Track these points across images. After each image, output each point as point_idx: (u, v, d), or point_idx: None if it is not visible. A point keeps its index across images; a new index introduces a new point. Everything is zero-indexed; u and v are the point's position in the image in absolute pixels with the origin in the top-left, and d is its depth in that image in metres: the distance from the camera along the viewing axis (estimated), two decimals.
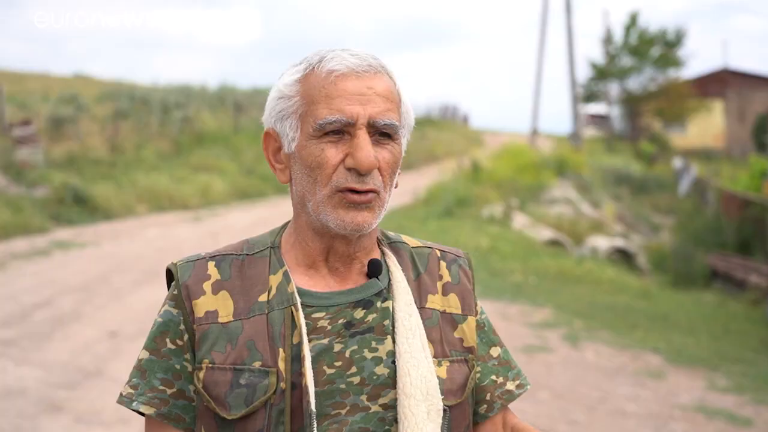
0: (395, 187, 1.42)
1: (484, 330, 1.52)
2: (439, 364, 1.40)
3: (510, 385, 1.51)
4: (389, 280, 1.43)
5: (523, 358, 6.97)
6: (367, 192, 1.34)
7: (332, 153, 1.33)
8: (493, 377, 1.49)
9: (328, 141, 1.33)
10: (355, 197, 1.33)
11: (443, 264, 1.50)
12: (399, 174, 1.43)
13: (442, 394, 1.37)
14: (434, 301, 1.45)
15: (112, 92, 22.80)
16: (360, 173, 1.32)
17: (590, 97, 40.34)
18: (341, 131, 1.33)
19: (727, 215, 16.90)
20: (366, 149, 1.31)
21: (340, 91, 1.33)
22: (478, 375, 1.47)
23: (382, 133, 1.35)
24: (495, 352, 1.52)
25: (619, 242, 15.44)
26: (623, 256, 14.68)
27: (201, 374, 1.34)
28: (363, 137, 1.32)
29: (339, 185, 1.33)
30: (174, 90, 25.43)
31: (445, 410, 1.37)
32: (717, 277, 13.60)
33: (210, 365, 1.33)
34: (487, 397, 1.48)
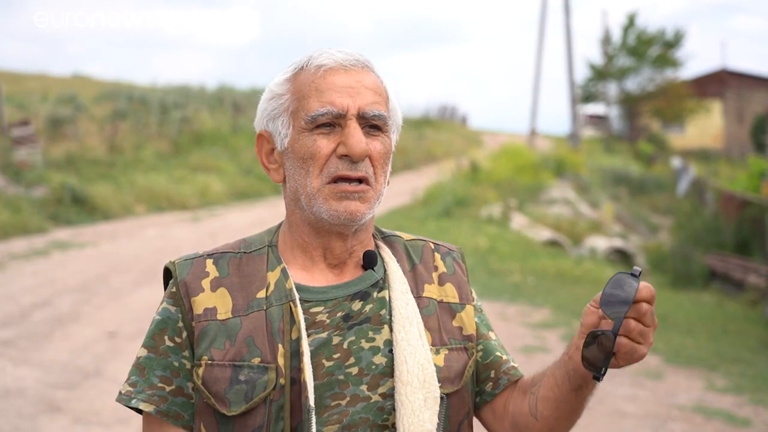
0: (387, 184, 1.43)
1: (482, 314, 1.54)
2: (437, 353, 1.41)
3: (513, 363, 1.52)
4: (384, 270, 1.45)
5: (521, 358, 6.97)
6: (359, 181, 1.36)
7: (324, 143, 1.36)
8: (498, 354, 1.50)
9: (320, 133, 1.36)
10: (348, 187, 1.35)
11: (437, 256, 1.52)
12: (390, 172, 1.45)
13: (439, 382, 1.38)
14: (431, 291, 1.47)
15: (111, 92, 22.79)
16: (352, 160, 1.35)
17: (589, 97, 40.35)
18: (332, 123, 1.36)
19: (725, 216, 16.90)
20: (357, 136, 1.34)
21: (329, 84, 1.36)
22: (480, 354, 1.48)
23: (372, 125, 1.38)
24: (493, 335, 1.53)
25: (618, 242, 15.44)
26: (622, 257, 14.68)
27: (200, 371, 1.35)
28: (354, 126, 1.35)
29: (331, 174, 1.35)
30: (173, 90, 25.42)
31: (442, 398, 1.38)
32: (715, 277, 13.60)
33: (209, 362, 1.34)
34: (492, 375, 1.49)
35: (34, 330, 7.20)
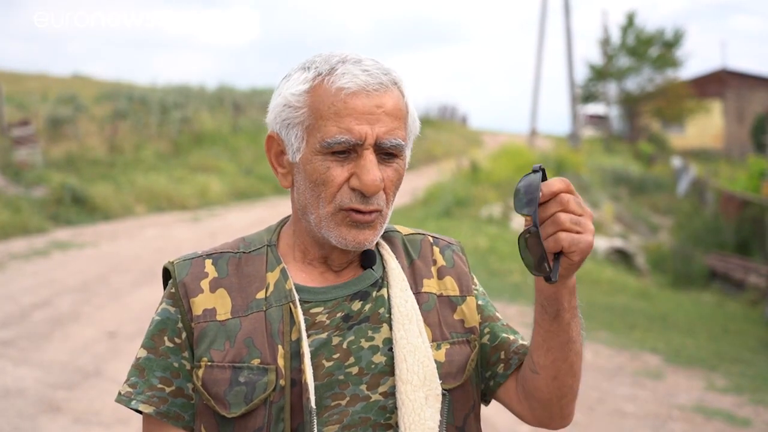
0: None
1: (485, 297, 1.53)
2: (438, 348, 1.40)
3: (522, 341, 1.50)
4: (384, 268, 1.44)
5: None
6: (371, 212, 1.34)
7: (338, 172, 1.32)
8: (505, 335, 1.49)
9: (334, 159, 1.32)
10: (359, 217, 1.34)
11: (436, 249, 1.51)
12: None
13: (440, 378, 1.37)
14: (430, 286, 1.46)
15: (111, 92, 22.78)
16: (365, 195, 1.32)
17: (589, 97, 40.35)
18: (347, 150, 1.32)
19: (725, 216, 16.92)
20: (373, 172, 1.31)
21: (349, 109, 1.31)
22: (488, 337, 1.47)
23: (388, 152, 1.34)
24: (499, 316, 1.52)
25: (618, 243, 15.44)
26: (622, 257, 14.68)
27: (200, 372, 1.34)
28: (370, 158, 1.32)
29: (343, 205, 1.33)
30: (173, 90, 25.41)
31: (444, 394, 1.37)
32: (716, 277, 13.61)
33: (209, 363, 1.34)
34: (502, 356, 1.47)
35: (34, 330, 7.20)
